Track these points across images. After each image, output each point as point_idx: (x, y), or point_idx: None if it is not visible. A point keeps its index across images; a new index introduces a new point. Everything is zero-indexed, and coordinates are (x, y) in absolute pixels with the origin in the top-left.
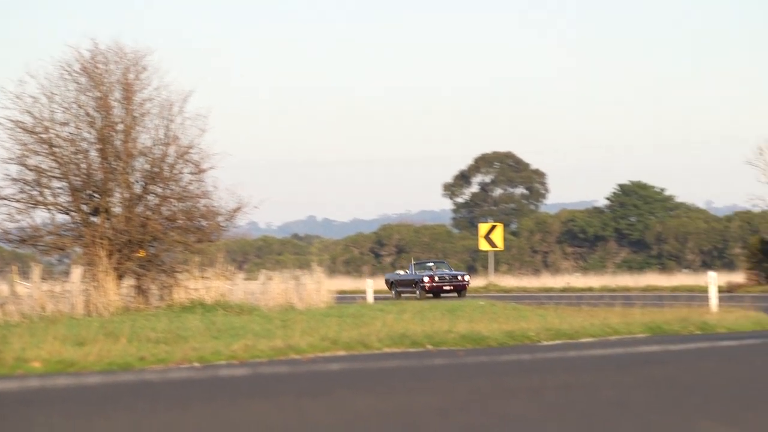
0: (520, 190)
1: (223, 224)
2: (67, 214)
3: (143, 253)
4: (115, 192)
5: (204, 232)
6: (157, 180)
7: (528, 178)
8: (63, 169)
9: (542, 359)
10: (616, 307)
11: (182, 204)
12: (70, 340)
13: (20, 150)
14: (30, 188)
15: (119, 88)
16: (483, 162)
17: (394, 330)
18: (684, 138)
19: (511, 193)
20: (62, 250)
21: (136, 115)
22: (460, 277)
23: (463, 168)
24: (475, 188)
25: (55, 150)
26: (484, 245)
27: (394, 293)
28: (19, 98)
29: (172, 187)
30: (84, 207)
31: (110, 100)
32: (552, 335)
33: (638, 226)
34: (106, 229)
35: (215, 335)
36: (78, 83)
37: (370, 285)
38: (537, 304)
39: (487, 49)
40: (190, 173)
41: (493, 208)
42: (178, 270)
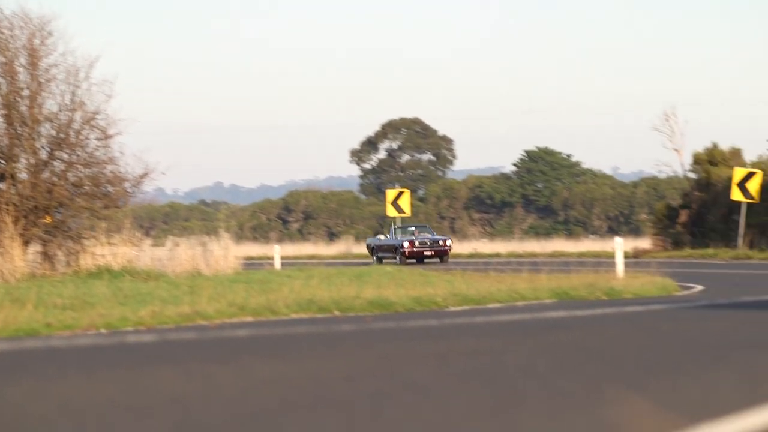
0: (427, 157)
1: (130, 190)
2: None
3: (49, 219)
4: (20, 158)
5: (111, 198)
6: (63, 146)
7: (435, 145)
8: None
9: (449, 325)
10: (523, 273)
11: (89, 170)
12: None
13: None
14: None
15: (24, 53)
16: (390, 128)
17: (301, 296)
18: (590, 104)
19: (419, 159)
20: None
21: (41, 80)
22: (441, 242)
23: (371, 134)
24: (382, 154)
25: None
26: (391, 211)
27: (375, 259)
28: None
29: (79, 153)
30: None
31: (15, 66)
32: (459, 301)
33: (545, 192)
34: (12, 195)
35: (122, 301)
36: None
37: (278, 251)
38: (444, 269)
39: (394, 15)
40: (97, 139)
41: (400, 174)
42: (84, 236)
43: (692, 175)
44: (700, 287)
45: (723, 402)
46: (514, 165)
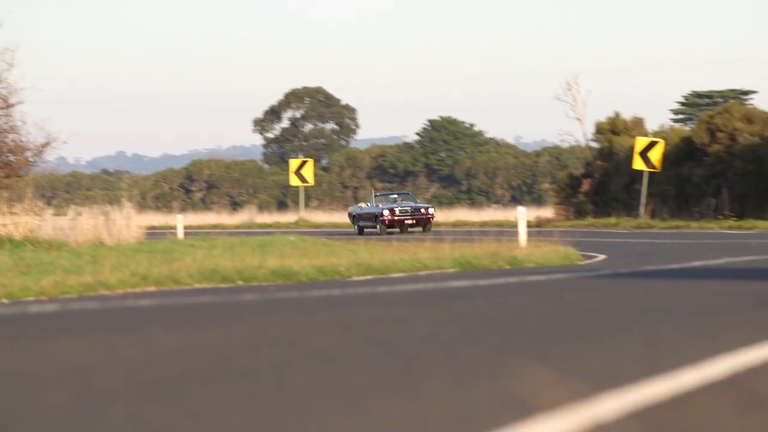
0: (330, 126)
1: (32, 159)
2: None
3: None
4: None
5: (12, 167)
6: None
7: (338, 114)
8: None
9: (353, 294)
10: (426, 243)
11: None
12: None
13: None
14: None
15: None
16: (293, 97)
17: (204, 266)
18: (492, 73)
19: (322, 128)
20: None
21: None
22: (423, 210)
23: (274, 103)
24: (285, 124)
25: None
26: (294, 181)
27: (356, 228)
28: None
29: None
30: None
31: None
32: (362, 270)
33: (448, 161)
34: None
35: (24, 271)
36: None
37: (180, 220)
38: (348, 239)
39: None
40: None
41: (303, 143)
42: None
43: (595, 145)
44: (602, 256)
45: (626, 371)
46: (417, 134)
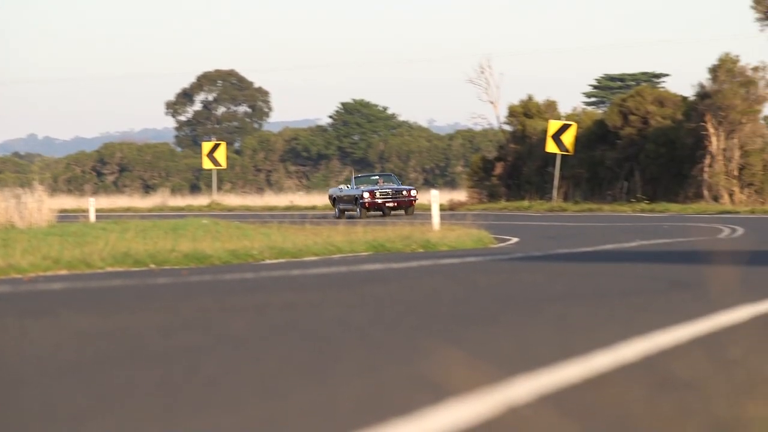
0: (243, 109)
1: None
2: None
3: None
4: None
5: None
6: None
7: (251, 97)
8: None
9: (266, 278)
10: (340, 226)
11: None
12: None
13: None
14: None
15: None
16: (206, 80)
17: (116, 249)
18: (406, 56)
19: (234, 111)
20: None
21: None
22: (405, 192)
23: (186, 86)
24: (197, 106)
25: None
26: (207, 164)
27: (337, 212)
28: None
29: None
30: None
31: None
32: (276, 254)
33: (361, 144)
34: None
35: None
36: None
37: (93, 204)
38: (261, 222)
39: None
40: None
41: (216, 126)
42: None
43: (507, 128)
44: (515, 239)
45: (538, 354)
46: (330, 117)
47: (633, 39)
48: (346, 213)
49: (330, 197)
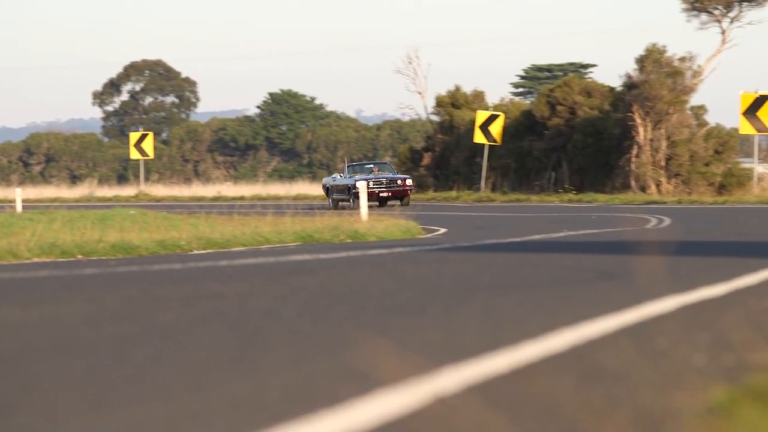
0: (170, 99)
1: None
2: None
3: None
4: None
5: None
6: None
7: (179, 87)
8: None
9: (194, 268)
10: (268, 216)
11: None
12: None
13: None
14: None
15: None
16: (133, 70)
17: (43, 239)
18: (334, 46)
19: (162, 101)
20: None
21: None
22: (400, 182)
23: (113, 76)
24: (125, 97)
25: None
26: (134, 154)
27: (330, 202)
28: None
29: None
30: None
31: None
32: (203, 244)
33: (289, 135)
34: None
35: None
36: None
37: (19, 194)
38: (188, 213)
39: None
40: None
41: (143, 116)
42: None
43: (435, 118)
44: (443, 230)
45: (466, 344)
46: (258, 107)
47: (560, 29)
48: (339, 204)
49: (323, 187)
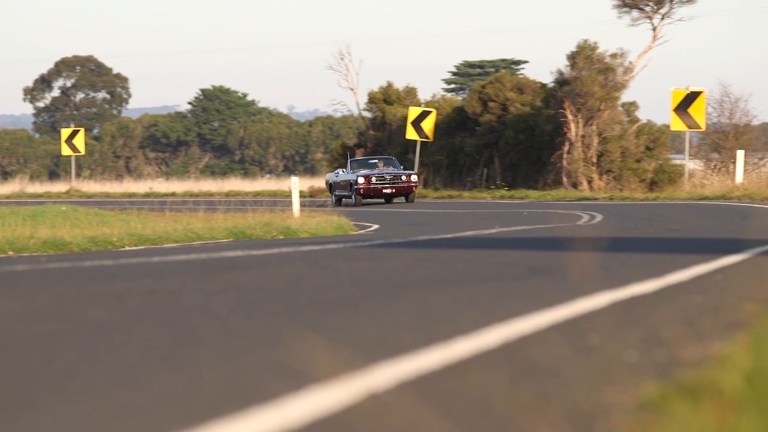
0: (102, 95)
1: None
2: None
3: None
4: None
5: None
6: None
7: (110, 83)
8: None
9: (126, 265)
10: (200, 213)
11: None
12: None
13: None
14: None
15: None
16: (64, 66)
17: None
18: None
19: (93, 97)
20: None
21: None
22: (405, 177)
23: (44, 72)
24: (56, 92)
25: None
26: (66, 150)
27: (333, 199)
28: None
29: None
30: None
31: None
32: (135, 241)
33: (221, 131)
34: None
35: None
36: None
37: None
38: (120, 209)
39: None
40: None
41: (74, 112)
42: None
43: (367, 114)
44: (375, 226)
45: (399, 340)
46: (190, 104)
47: (492, 26)
48: (343, 201)
49: (327, 183)
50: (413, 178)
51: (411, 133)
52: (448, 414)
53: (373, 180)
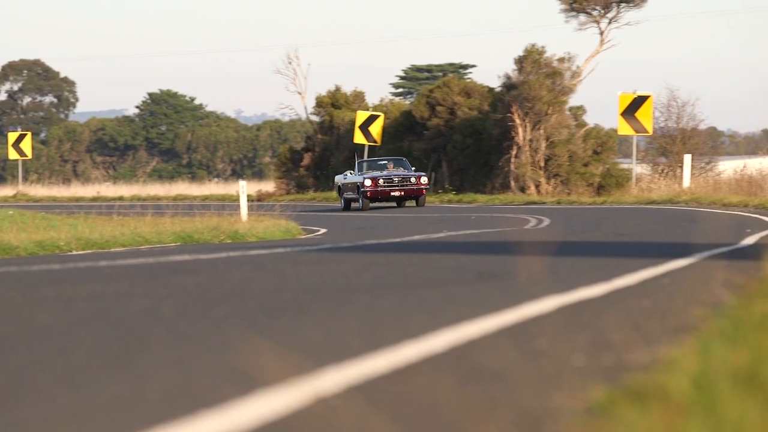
0: (49, 99)
1: None
2: None
3: None
4: None
5: None
6: None
7: (57, 87)
8: None
9: (73, 269)
10: (147, 217)
11: None
12: None
13: None
14: None
15: None
16: (11, 70)
17: None
18: (213, 46)
19: (40, 101)
20: None
21: None
22: (414, 180)
23: None
24: (2, 96)
25: None
26: (12, 154)
27: (342, 202)
28: None
29: None
30: None
31: None
32: (83, 245)
33: (169, 135)
34: None
35: None
36: None
37: None
38: (67, 213)
39: None
40: None
41: (22, 116)
42: None
43: (315, 118)
44: (323, 230)
45: (347, 345)
46: (137, 107)
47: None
48: (351, 205)
49: (336, 186)
50: (423, 180)
51: (359, 137)
52: (396, 418)
53: (381, 182)
